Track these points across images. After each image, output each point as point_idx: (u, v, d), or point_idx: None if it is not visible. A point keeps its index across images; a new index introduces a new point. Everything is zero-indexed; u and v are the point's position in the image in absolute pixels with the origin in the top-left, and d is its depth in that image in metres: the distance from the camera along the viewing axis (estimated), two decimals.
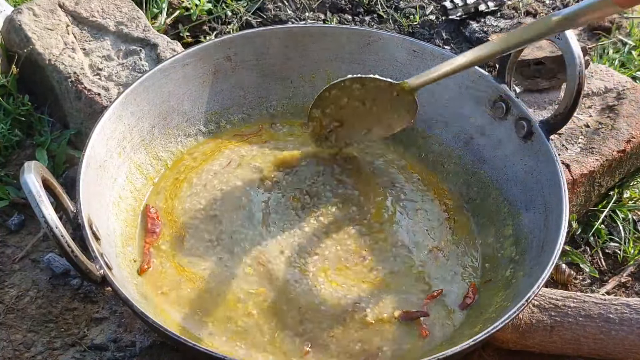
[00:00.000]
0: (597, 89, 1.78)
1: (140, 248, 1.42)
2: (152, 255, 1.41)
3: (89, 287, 1.51)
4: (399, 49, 1.62)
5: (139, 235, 1.44)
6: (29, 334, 1.44)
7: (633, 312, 1.38)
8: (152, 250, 1.41)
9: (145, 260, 1.40)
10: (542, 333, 1.38)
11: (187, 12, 2.06)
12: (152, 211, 1.47)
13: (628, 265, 1.64)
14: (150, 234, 1.44)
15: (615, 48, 2.11)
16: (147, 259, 1.40)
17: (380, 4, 2.16)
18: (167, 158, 1.55)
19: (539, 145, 1.43)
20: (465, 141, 1.58)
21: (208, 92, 1.61)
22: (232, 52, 1.61)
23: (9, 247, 1.58)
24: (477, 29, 2.02)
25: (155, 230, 1.44)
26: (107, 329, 1.45)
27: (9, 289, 1.51)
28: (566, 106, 1.41)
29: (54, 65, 1.72)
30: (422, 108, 1.62)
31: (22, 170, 1.14)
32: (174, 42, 1.81)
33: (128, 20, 1.84)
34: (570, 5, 2.21)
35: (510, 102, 1.49)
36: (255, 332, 1.31)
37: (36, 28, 1.79)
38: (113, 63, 1.75)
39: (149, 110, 1.52)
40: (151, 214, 1.46)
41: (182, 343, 1.13)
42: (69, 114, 1.74)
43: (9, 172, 1.70)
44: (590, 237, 1.67)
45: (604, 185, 1.67)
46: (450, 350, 1.15)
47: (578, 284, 1.60)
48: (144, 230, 1.45)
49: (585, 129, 1.69)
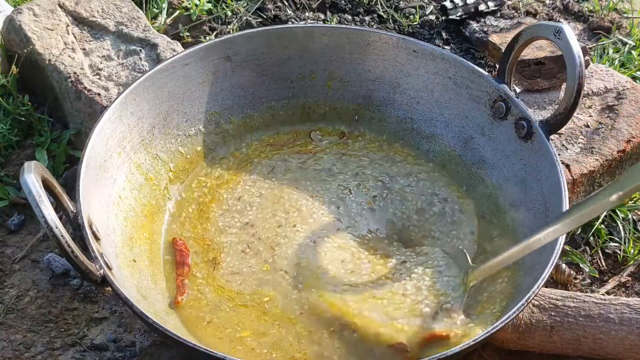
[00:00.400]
0: (597, 89, 1.78)
1: (172, 283, 1.39)
2: (186, 287, 1.38)
3: (88, 287, 1.51)
4: (399, 49, 1.62)
5: (167, 271, 1.41)
6: (28, 334, 1.44)
7: (633, 312, 1.38)
8: (187, 282, 1.39)
9: (180, 291, 1.37)
10: (542, 333, 1.38)
11: (187, 12, 2.06)
12: (180, 242, 1.44)
13: (628, 265, 1.64)
14: (180, 266, 1.41)
15: (615, 48, 2.11)
16: (182, 291, 1.37)
17: (380, 4, 2.16)
18: (167, 158, 1.55)
19: (539, 145, 1.43)
20: (465, 141, 1.58)
21: (208, 92, 1.61)
22: (232, 52, 1.61)
23: (9, 247, 1.58)
24: (477, 29, 2.02)
25: (185, 261, 1.41)
26: (107, 329, 1.45)
27: (9, 289, 1.51)
28: (566, 106, 1.41)
29: (54, 65, 1.72)
30: (421, 108, 1.63)
31: (22, 170, 1.13)
32: (174, 42, 1.81)
33: (128, 20, 1.84)
34: (571, 6, 2.23)
35: (510, 102, 1.49)
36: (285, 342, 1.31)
37: (36, 28, 1.79)
38: (113, 63, 1.75)
39: (148, 110, 1.52)
40: (178, 246, 1.44)
41: (182, 343, 1.13)
42: (68, 114, 1.74)
43: (9, 172, 1.70)
44: (590, 237, 1.67)
45: (604, 185, 1.67)
46: (450, 350, 1.15)
47: (578, 283, 1.60)
48: (174, 264, 1.42)
49: (585, 128, 1.69)
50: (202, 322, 1.33)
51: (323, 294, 1.34)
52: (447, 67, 1.58)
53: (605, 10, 2.23)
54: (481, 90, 1.54)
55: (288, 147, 1.63)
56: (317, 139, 1.65)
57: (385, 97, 1.65)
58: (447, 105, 1.60)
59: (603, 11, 2.23)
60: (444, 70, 1.58)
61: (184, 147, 1.58)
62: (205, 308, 1.35)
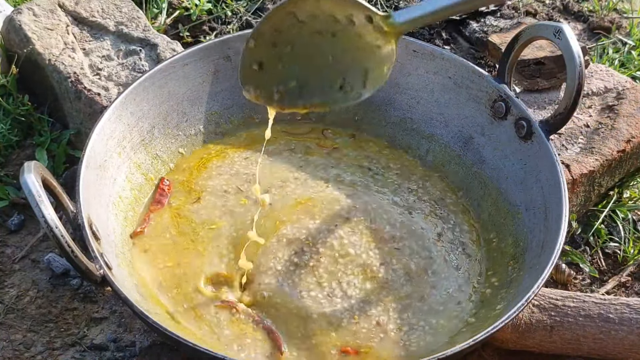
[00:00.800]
0: (597, 89, 1.78)
1: (141, 216, 1.45)
2: (151, 220, 1.43)
3: (88, 287, 1.51)
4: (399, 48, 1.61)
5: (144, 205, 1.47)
6: (28, 334, 1.44)
7: (633, 312, 1.38)
8: (152, 216, 1.44)
9: (142, 224, 1.42)
10: (542, 333, 1.38)
11: (187, 12, 2.06)
12: (166, 183, 1.50)
13: (628, 265, 1.64)
14: (155, 203, 1.47)
15: (615, 48, 2.11)
16: (144, 224, 1.42)
17: (379, 4, 2.16)
18: (167, 158, 1.55)
19: (539, 145, 1.43)
20: (465, 141, 1.58)
21: (208, 92, 1.61)
22: (232, 52, 1.60)
23: (9, 247, 1.58)
24: (477, 29, 2.02)
25: (162, 200, 1.47)
26: (107, 328, 1.46)
27: (9, 289, 1.51)
28: (566, 106, 1.41)
29: (53, 65, 1.72)
30: (421, 108, 1.63)
31: (22, 170, 1.13)
32: (174, 42, 1.81)
33: (128, 20, 1.84)
34: (571, 6, 2.23)
35: (510, 102, 1.49)
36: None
37: (36, 28, 1.78)
38: (113, 63, 1.75)
39: (148, 110, 1.52)
40: (163, 186, 1.49)
41: (182, 343, 1.13)
42: (68, 114, 1.74)
43: (9, 172, 1.70)
44: (590, 237, 1.67)
45: (604, 185, 1.67)
46: (450, 350, 1.15)
47: (578, 283, 1.60)
48: (151, 200, 1.48)
49: (585, 128, 1.69)
50: (142, 250, 1.39)
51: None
52: (447, 67, 1.58)
53: (605, 10, 2.23)
54: (481, 90, 1.54)
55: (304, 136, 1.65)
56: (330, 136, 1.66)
57: (384, 97, 1.65)
58: (446, 105, 1.60)
59: (603, 11, 2.23)
60: (444, 70, 1.58)
61: (184, 148, 1.58)
62: (152, 236, 1.41)
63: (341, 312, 1.32)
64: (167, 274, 1.37)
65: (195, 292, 1.34)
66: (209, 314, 1.31)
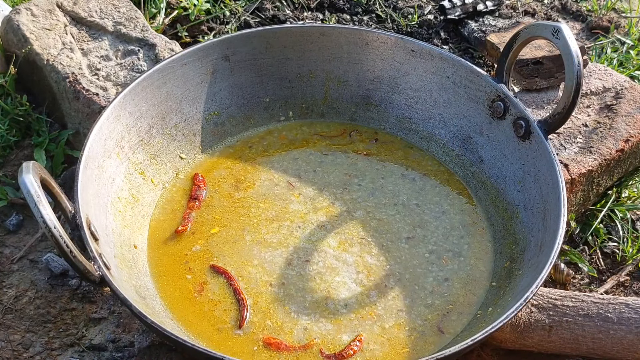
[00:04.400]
0: (595, 89, 1.78)
1: (180, 214, 1.48)
2: (191, 219, 1.46)
3: (87, 287, 1.51)
4: (397, 48, 1.62)
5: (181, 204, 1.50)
6: (27, 334, 1.44)
7: (631, 311, 1.38)
8: (193, 214, 1.47)
9: (183, 222, 1.45)
10: (541, 332, 1.38)
11: (186, 12, 2.06)
12: (200, 179, 1.52)
13: (626, 264, 1.64)
14: (192, 200, 1.49)
15: (614, 47, 2.11)
16: (185, 223, 1.45)
17: (378, 4, 2.16)
18: (165, 158, 1.55)
19: (537, 145, 1.43)
20: (464, 140, 1.58)
21: (206, 92, 1.61)
22: (230, 52, 1.61)
23: (8, 247, 1.58)
24: (476, 29, 2.02)
25: (199, 197, 1.50)
26: (106, 329, 1.45)
27: (8, 289, 1.51)
28: (564, 106, 1.41)
29: (52, 65, 1.72)
30: (420, 107, 1.63)
31: (21, 170, 1.13)
32: (172, 42, 1.81)
33: (126, 20, 1.84)
34: (569, 5, 2.23)
35: (509, 101, 1.49)
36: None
37: (34, 28, 1.78)
38: (111, 63, 1.75)
39: (147, 110, 1.52)
40: (197, 182, 1.52)
41: (181, 343, 1.13)
42: (67, 114, 1.74)
43: (7, 172, 1.70)
44: (588, 236, 1.67)
45: (603, 184, 1.67)
46: (448, 350, 1.15)
47: (577, 283, 1.60)
48: (187, 197, 1.51)
49: (584, 128, 1.69)
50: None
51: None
52: (445, 67, 1.58)
53: (604, 10, 2.23)
54: (479, 89, 1.54)
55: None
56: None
57: (383, 97, 1.65)
58: (445, 105, 1.60)
59: (601, 10, 2.23)
60: (442, 69, 1.58)
61: (183, 148, 1.58)
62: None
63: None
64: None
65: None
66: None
